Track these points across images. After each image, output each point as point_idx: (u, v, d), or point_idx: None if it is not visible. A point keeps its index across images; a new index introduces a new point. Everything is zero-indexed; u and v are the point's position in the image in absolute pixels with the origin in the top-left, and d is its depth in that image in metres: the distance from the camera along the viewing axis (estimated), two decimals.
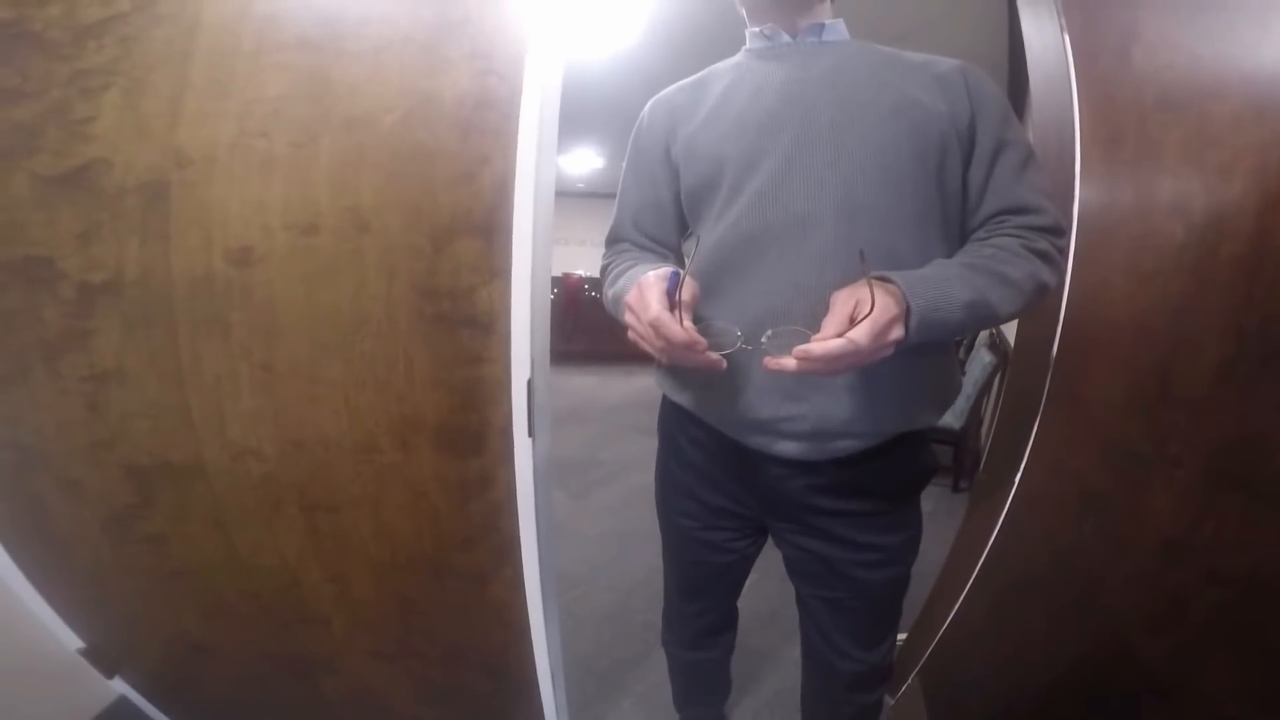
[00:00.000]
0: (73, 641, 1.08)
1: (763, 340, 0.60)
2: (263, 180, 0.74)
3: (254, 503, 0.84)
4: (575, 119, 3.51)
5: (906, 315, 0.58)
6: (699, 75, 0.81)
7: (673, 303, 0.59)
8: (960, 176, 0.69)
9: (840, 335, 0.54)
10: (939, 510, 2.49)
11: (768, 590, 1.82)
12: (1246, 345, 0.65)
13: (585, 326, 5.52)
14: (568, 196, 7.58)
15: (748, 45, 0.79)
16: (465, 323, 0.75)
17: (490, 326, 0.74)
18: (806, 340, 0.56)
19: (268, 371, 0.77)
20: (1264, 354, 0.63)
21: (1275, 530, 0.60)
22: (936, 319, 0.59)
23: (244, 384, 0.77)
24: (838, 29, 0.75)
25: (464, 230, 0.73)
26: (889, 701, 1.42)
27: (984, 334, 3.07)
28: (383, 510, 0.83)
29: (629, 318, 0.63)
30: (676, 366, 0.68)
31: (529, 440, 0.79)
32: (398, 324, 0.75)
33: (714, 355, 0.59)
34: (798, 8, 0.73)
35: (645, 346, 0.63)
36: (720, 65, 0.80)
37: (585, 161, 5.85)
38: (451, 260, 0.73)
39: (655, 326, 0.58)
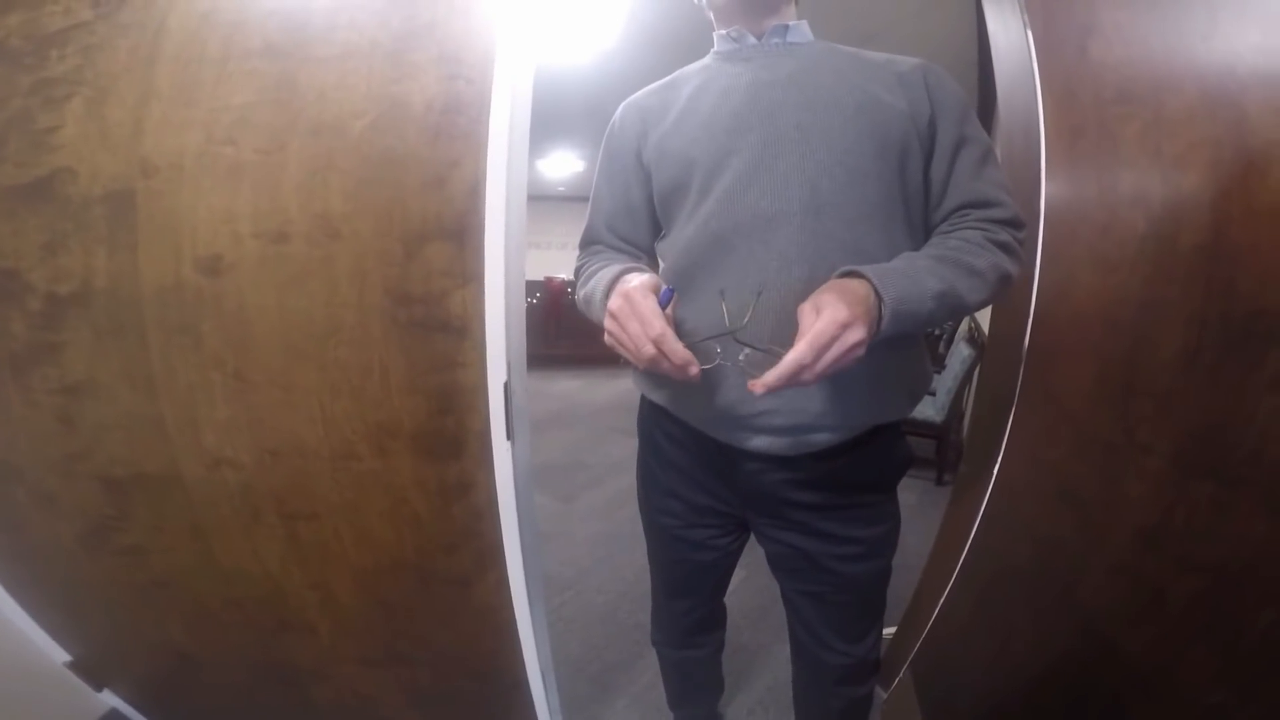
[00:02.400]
0: (60, 655, 1.07)
1: (740, 359, 0.62)
2: (231, 188, 0.73)
3: (232, 512, 0.83)
4: (554, 122, 3.51)
5: (879, 308, 0.58)
6: (669, 79, 0.82)
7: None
8: (922, 173, 0.71)
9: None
10: (924, 503, 2.51)
11: (757, 587, 1.83)
12: (1208, 334, 0.66)
13: (568, 330, 5.52)
14: (548, 200, 7.53)
15: (715, 48, 0.80)
16: (439, 327, 0.74)
17: (464, 330, 0.74)
18: (779, 359, 0.57)
19: (241, 380, 0.76)
20: (1224, 342, 0.64)
21: (1244, 517, 0.61)
22: (908, 310, 0.59)
23: (217, 393, 0.77)
24: (801, 30, 0.76)
25: (435, 235, 0.73)
26: (882, 694, 1.44)
27: (963, 327, 3.10)
28: (363, 517, 0.83)
29: (610, 324, 0.63)
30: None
31: (508, 443, 0.79)
32: (371, 330, 0.74)
33: (694, 370, 0.60)
34: (762, 10, 0.74)
35: (623, 352, 0.63)
36: (689, 68, 0.81)
37: (565, 165, 5.83)
38: (423, 265, 0.73)
39: (659, 344, 0.59)
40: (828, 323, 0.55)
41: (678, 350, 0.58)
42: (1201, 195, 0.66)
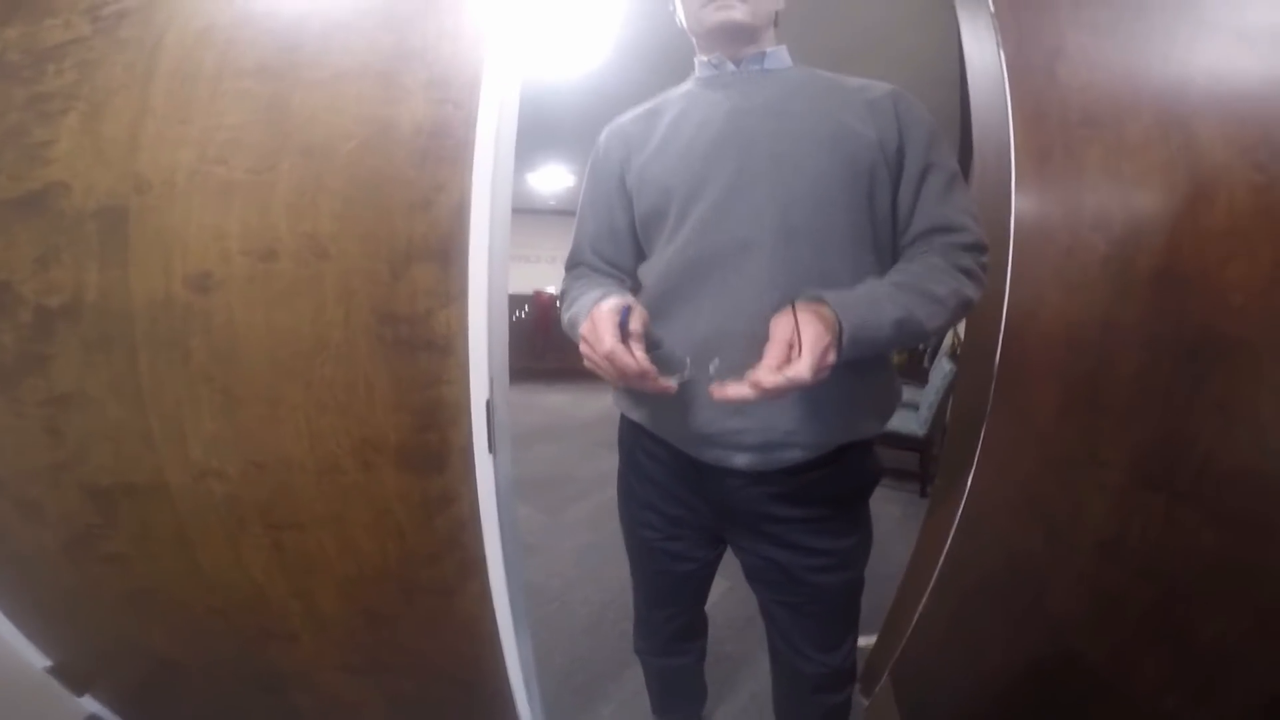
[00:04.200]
0: (40, 660, 1.07)
1: (710, 370, 0.63)
2: (222, 206, 0.75)
3: (217, 521, 0.84)
4: (545, 137, 3.54)
5: (839, 334, 0.60)
6: (652, 104, 0.85)
7: (625, 334, 0.62)
8: (890, 199, 0.73)
9: (780, 361, 0.57)
10: (907, 515, 2.54)
11: (740, 598, 1.85)
12: (1162, 352, 0.69)
13: (556, 344, 5.52)
14: (538, 214, 7.52)
15: (696, 73, 0.82)
16: (424, 346, 0.76)
17: (448, 349, 0.76)
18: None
19: (228, 395, 0.78)
20: (1175, 362, 0.67)
21: (1193, 529, 0.64)
22: (866, 336, 0.61)
23: (205, 407, 0.78)
24: (779, 56, 0.79)
25: (421, 256, 0.75)
26: (863, 702, 1.45)
27: (947, 343, 3.14)
28: (347, 528, 0.84)
29: (584, 347, 0.65)
30: (630, 388, 0.71)
31: (490, 457, 0.80)
32: (357, 348, 0.76)
33: (665, 382, 0.62)
34: (742, 39, 0.76)
35: (599, 373, 0.65)
36: (672, 93, 0.84)
37: (556, 179, 5.85)
38: (409, 285, 0.75)
39: (610, 359, 0.61)
40: (815, 342, 0.57)
41: (629, 363, 0.60)
42: (1157, 218, 0.69)
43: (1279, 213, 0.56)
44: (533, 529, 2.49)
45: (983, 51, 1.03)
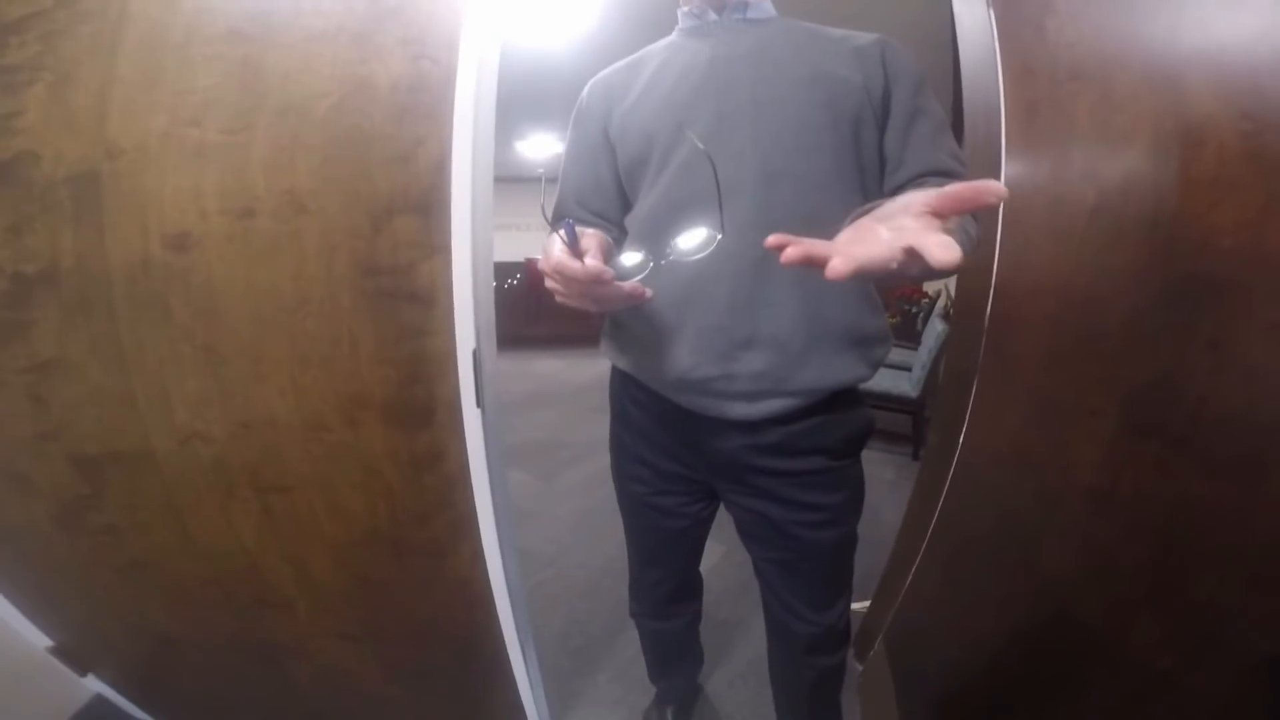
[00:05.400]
0: (41, 640, 1.07)
1: (668, 253, 0.60)
2: (197, 167, 0.74)
3: (206, 487, 0.84)
4: (533, 104, 3.46)
5: None
6: (635, 56, 0.84)
7: (573, 250, 0.57)
8: (877, 144, 0.73)
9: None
10: (900, 478, 2.55)
11: (736, 562, 1.87)
12: (1151, 297, 0.68)
13: (548, 311, 5.51)
14: (527, 182, 7.47)
15: (679, 25, 0.82)
16: (407, 297, 0.76)
17: (432, 300, 0.76)
18: (714, 242, 0.58)
19: (211, 354, 0.77)
20: (1164, 304, 0.67)
21: (1184, 477, 0.64)
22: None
23: (188, 367, 0.78)
24: (763, 6, 0.78)
25: (402, 209, 0.74)
26: (858, 666, 1.47)
27: (939, 304, 3.14)
28: (336, 489, 0.84)
29: (549, 283, 0.61)
30: (608, 312, 0.68)
31: (478, 411, 0.80)
32: (340, 301, 0.76)
33: (630, 284, 0.58)
34: None
35: (568, 300, 0.61)
36: (655, 45, 0.83)
37: (544, 146, 5.75)
38: (390, 238, 0.74)
39: (558, 270, 0.57)
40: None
41: (575, 267, 0.55)
42: (1145, 167, 0.69)
43: (1267, 157, 0.56)
44: (527, 495, 2.51)
45: (972, 10, 1.02)
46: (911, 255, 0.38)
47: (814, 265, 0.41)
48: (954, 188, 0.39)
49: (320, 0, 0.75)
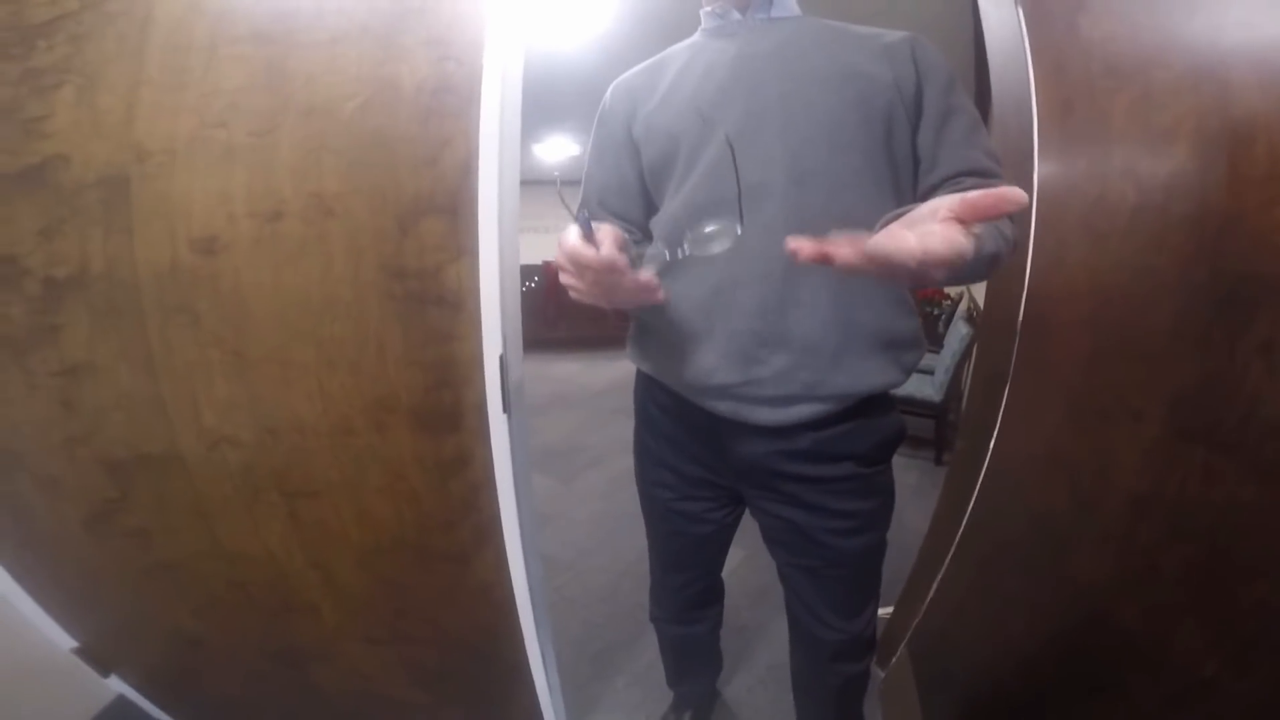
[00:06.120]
0: (66, 641, 1.08)
1: (684, 245, 0.58)
2: (224, 170, 0.74)
3: (233, 491, 0.84)
4: (550, 107, 3.46)
5: None
6: (658, 57, 0.83)
7: (588, 240, 0.55)
8: (909, 143, 0.71)
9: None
10: (923, 483, 2.53)
11: (758, 566, 1.85)
12: (1198, 298, 0.66)
13: (568, 313, 5.52)
14: (544, 184, 7.50)
15: (702, 25, 0.81)
16: (434, 301, 0.75)
17: (459, 304, 0.75)
18: (734, 235, 0.56)
19: (239, 358, 0.77)
20: (1213, 307, 0.64)
21: (1234, 483, 0.62)
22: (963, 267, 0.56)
23: (216, 371, 0.78)
24: (787, 4, 0.77)
25: (428, 211, 0.73)
26: (880, 673, 1.45)
27: (961, 307, 3.10)
28: (362, 493, 0.84)
29: (563, 277, 0.59)
30: (623, 308, 0.64)
31: (504, 416, 0.79)
32: (367, 305, 0.75)
33: (645, 277, 0.56)
34: None
35: (580, 295, 0.59)
36: (678, 46, 0.82)
37: (561, 149, 5.76)
38: (417, 240, 0.74)
39: (572, 258, 0.55)
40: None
41: (589, 255, 0.53)
42: (1189, 165, 0.67)
43: None
44: (546, 498, 2.51)
45: (1000, 9, 1.00)
46: (929, 256, 0.40)
47: (829, 263, 0.43)
48: (975, 195, 0.41)
49: (343, 2, 0.75)
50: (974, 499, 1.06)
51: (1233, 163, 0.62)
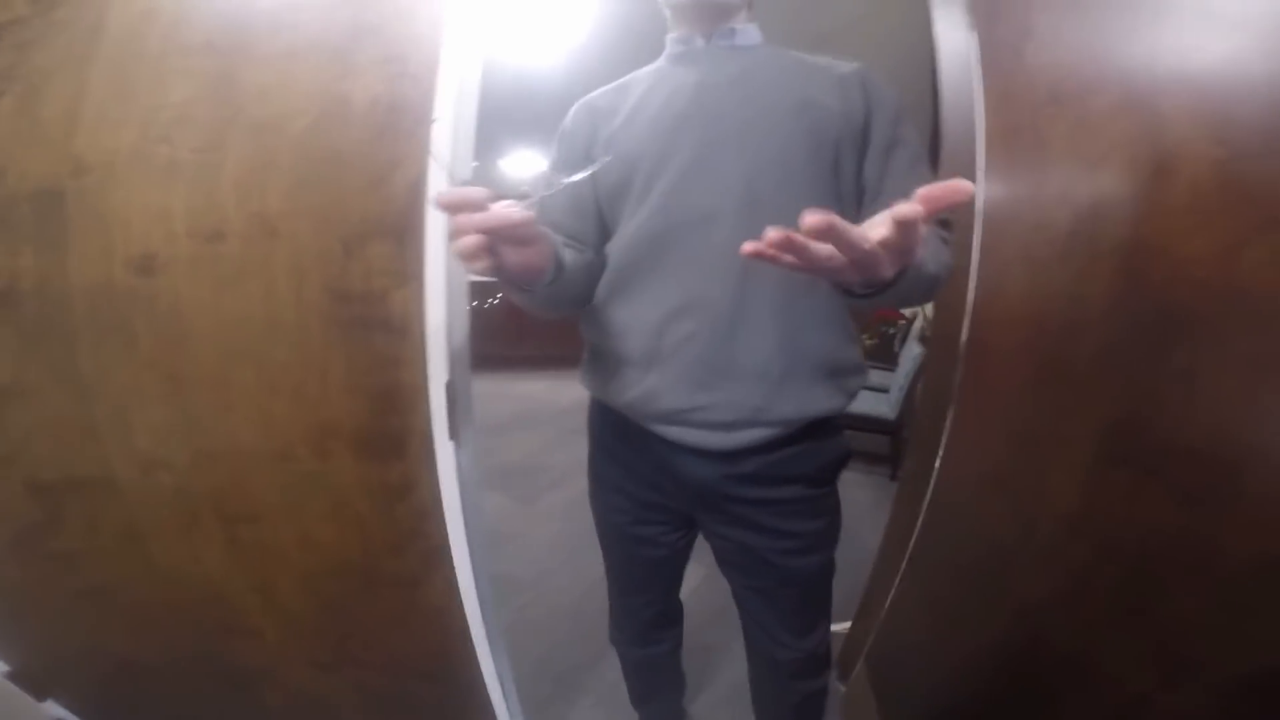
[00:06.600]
0: None
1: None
2: (165, 187, 0.72)
3: (170, 515, 0.81)
4: (517, 122, 3.45)
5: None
6: (623, 80, 0.84)
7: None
8: (855, 173, 0.73)
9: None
10: (879, 499, 2.53)
11: (718, 585, 1.83)
12: (1125, 326, 0.68)
13: (531, 331, 5.46)
14: (511, 199, 7.41)
15: (667, 50, 0.82)
16: (380, 326, 0.74)
17: (405, 330, 0.74)
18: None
19: (176, 381, 0.75)
20: (1138, 333, 0.66)
21: (1156, 505, 0.64)
22: (915, 276, 0.57)
23: (151, 395, 0.75)
24: (749, 33, 0.78)
25: (376, 233, 0.73)
26: (840, 688, 1.46)
27: (916, 326, 3.17)
28: (304, 518, 0.82)
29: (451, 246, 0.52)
30: (508, 278, 0.59)
31: (451, 444, 0.78)
32: (310, 329, 0.74)
33: (505, 208, 0.48)
34: (716, 15, 0.76)
35: (462, 249, 0.48)
36: (643, 70, 0.83)
37: (528, 164, 5.73)
38: (363, 264, 0.73)
39: (444, 206, 0.48)
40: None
41: (475, 193, 0.47)
42: (1119, 193, 0.69)
43: (1240, 186, 0.56)
44: (507, 518, 2.47)
45: (953, 33, 1.03)
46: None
47: (794, 248, 0.44)
48: (927, 188, 0.41)
49: (299, 15, 0.74)
50: (921, 517, 1.07)
51: (1158, 191, 0.64)
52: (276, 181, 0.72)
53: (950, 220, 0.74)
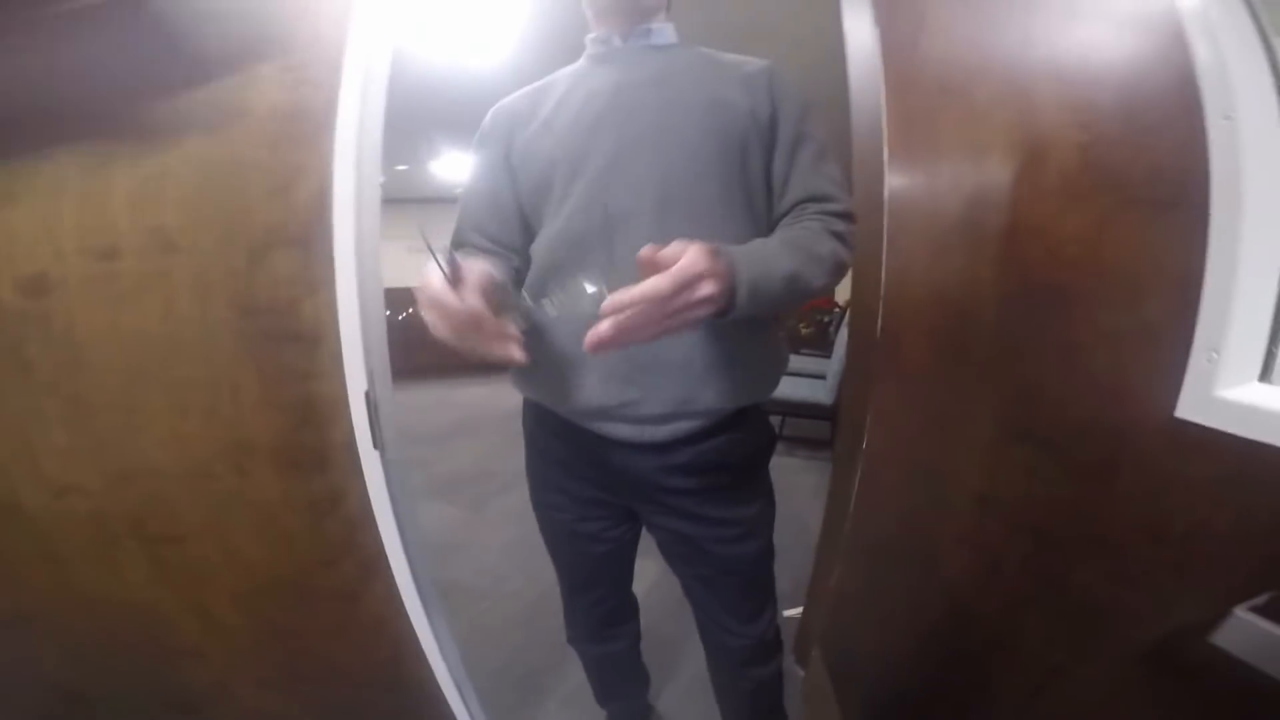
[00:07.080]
0: None
1: (545, 304, 0.58)
2: (50, 204, 0.69)
3: (86, 539, 0.79)
4: (448, 123, 3.37)
5: (734, 287, 0.58)
6: (542, 81, 0.84)
7: (453, 279, 0.54)
8: (764, 169, 0.75)
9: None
10: (823, 484, 2.54)
11: (674, 580, 1.86)
12: (1012, 306, 0.72)
13: None
14: (443, 203, 7.26)
15: (587, 50, 0.83)
16: (290, 338, 0.73)
17: (318, 340, 0.73)
18: (595, 297, 0.55)
19: (79, 405, 0.73)
20: (1023, 312, 0.70)
21: (1054, 478, 0.66)
22: (763, 288, 0.61)
23: (53, 420, 0.73)
24: (665, 33, 0.80)
25: (280, 243, 0.72)
26: (800, 672, 1.49)
27: (850, 314, 3.25)
28: (230, 536, 0.80)
29: (424, 314, 0.56)
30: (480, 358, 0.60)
31: (376, 453, 0.78)
32: (217, 345, 0.72)
33: (509, 329, 0.55)
34: (635, 15, 0.78)
35: (442, 336, 0.56)
36: (562, 71, 0.84)
37: (460, 166, 5.58)
38: (269, 274, 0.72)
39: (435, 304, 0.53)
40: (689, 263, 0.52)
41: (453, 303, 0.52)
42: (1001, 179, 0.72)
43: (1102, 168, 0.59)
44: (456, 526, 2.45)
45: (859, 26, 1.06)
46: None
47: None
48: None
49: (197, 24, 0.72)
50: (853, 502, 1.10)
51: (1033, 175, 0.68)
52: (173, 194, 0.71)
53: (853, 214, 0.76)
